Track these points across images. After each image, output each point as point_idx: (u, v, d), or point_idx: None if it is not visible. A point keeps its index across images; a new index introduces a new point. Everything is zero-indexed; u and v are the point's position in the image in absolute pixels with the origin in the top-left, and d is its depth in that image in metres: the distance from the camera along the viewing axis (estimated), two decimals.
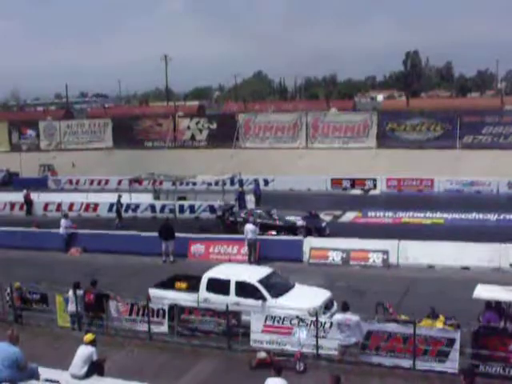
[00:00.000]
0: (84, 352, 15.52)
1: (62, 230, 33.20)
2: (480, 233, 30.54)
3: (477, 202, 40.87)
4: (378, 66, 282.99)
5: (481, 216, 36.11)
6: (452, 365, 16.81)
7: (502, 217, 35.79)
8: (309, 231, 32.31)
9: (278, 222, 33.44)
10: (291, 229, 32.82)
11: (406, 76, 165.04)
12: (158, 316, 20.37)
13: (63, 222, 33.39)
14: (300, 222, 33.14)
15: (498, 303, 17.67)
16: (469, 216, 36.28)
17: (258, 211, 34.80)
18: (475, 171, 47.91)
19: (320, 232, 32.68)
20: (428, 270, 26.99)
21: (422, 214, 37.05)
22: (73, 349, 15.95)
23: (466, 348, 16.89)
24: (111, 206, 40.87)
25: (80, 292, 20.87)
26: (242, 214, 34.63)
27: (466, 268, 26.54)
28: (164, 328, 20.34)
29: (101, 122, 77.60)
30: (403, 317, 18.58)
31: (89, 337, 15.94)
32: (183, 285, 22.08)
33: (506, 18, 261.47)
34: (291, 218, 33.64)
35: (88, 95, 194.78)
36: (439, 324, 18.06)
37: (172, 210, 40.01)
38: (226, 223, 34.89)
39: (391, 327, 17.68)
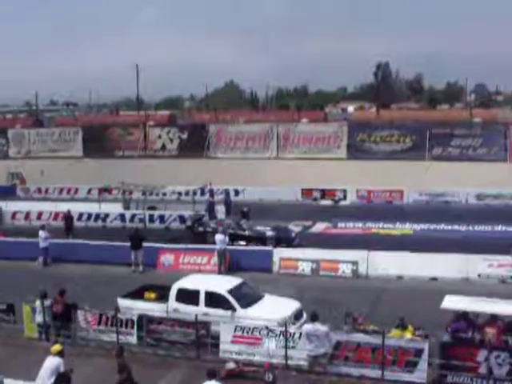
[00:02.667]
0: (51, 363, 15.34)
1: (42, 243, 31.99)
2: (449, 244, 30.76)
3: (446, 213, 41.19)
4: (349, 78, 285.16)
5: (449, 227, 36.41)
6: (420, 375, 16.90)
7: (470, 228, 36.12)
8: (278, 241, 32.32)
9: (247, 233, 33.43)
10: (261, 239, 32.82)
11: (377, 87, 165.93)
12: (126, 326, 20.25)
13: (41, 233, 32.15)
14: (270, 233, 33.16)
15: (466, 314, 17.78)
16: (438, 227, 36.55)
17: (228, 221, 34.77)
18: (444, 182, 48.25)
19: (289, 242, 32.71)
20: (397, 280, 27.15)
21: (392, 225, 37.23)
22: (40, 360, 15.76)
23: (435, 358, 16.98)
24: (80, 215, 40.56)
25: (48, 302, 20.65)
26: (212, 224, 34.57)
27: (435, 279, 26.76)
28: (133, 338, 20.21)
29: (71, 131, 76.89)
30: (372, 327, 18.67)
31: (56, 348, 15.75)
32: (152, 295, 21.99)
33: (476, 32, 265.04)
34: (261, 229, 33.66)
35: (58, 103, 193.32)
36: (408, 334, 18.14)
37: (142, 220, 39.85)
38: (196, 233, 34.79)
39: (360, 338, 17.74)
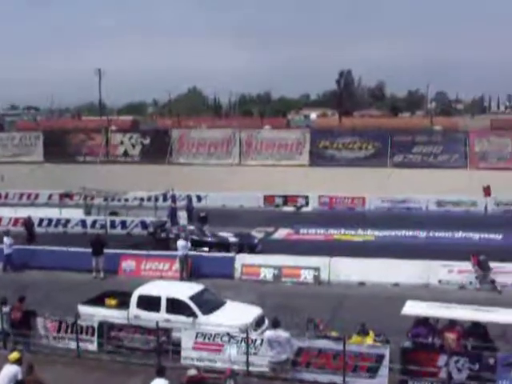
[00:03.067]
0: (9, 371, 15.12)
1: (6, 249, 31.26)
2: (410, 250, 30.96)
3: (407, 219, 41.44)
4: (312, 85, 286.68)
5: (410, 233, 36.66)
6: (381, 380, 17.01)
7: (431, 234, 36.43)
8: (241, 248, 32.30)
9: (210, 239, 33.36)
10: (223, 245, 32.76)
11: (339, 95, 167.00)
12: (87, 333, 20.06)
13: (6, 239, 31.40)
14: (233, 239, 33.13)
15: (426, 319, 17.94)
16: (399, 233, 36.78)
17: (191, 227, 34.66)
18: (405, 189, 48.63)
19: (252, 249, 32.69)
20: (358, 286, 27.27)
21: (353, 231, 37.37)
22: None
23: (396, 364, 17.10)
24: (41, 221, 40.15)
25: (6, 309, 20.38)
26: (174, 231, 34.42)
27: (396, 284, 26.92)
28: (93, 346, 20.03)
29: (32, 135, 76.03)
30: (334, 333, 18.72)
31: (14, 355, 15.52)
32: (113, 302, 21.78)
33: (437, 40, 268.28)
34: (224, 235, 33.61)
35: (19, 108, 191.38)
36: (369, 340, 18.24)
37: (103, 226, 39.53)
38: (158, 239, 34.60)
39: (321, 344, 17.79)
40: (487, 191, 46.16)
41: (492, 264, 26.70)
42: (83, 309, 21.45)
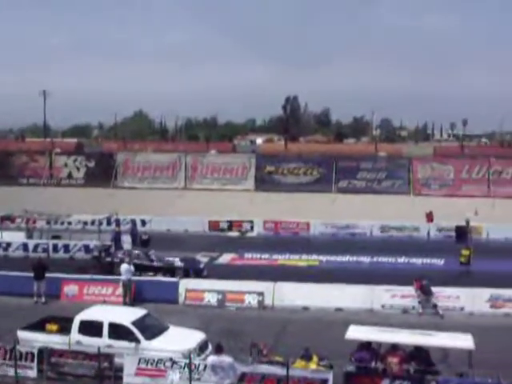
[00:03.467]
0: None
1: None
2: (354, 275, 31.30)
3: (351, 244, 41.78)
4: (259, 110, 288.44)
5: (354, 258, 37.06)
6: None
7: (374, 259, 36.87)
8: (187, 272, 32.09)
9: (156, 263, 33.04)
10: (169, 270, 32.48)
11: (285, 120, 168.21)
12: (26, 359, 19.58)
13: None
14: (178, 263, 32.89)
15: (369, 343, 18.05)
16: (343, 258, 37.11)
17: (136, 252, 34.29)
18: (350, 215, 49.04)
19: (198, 273, 32.51)
20: (303, 311, 27.29)
21: (298, 256, 37.55)
22: None
23: None
24: None
25: None
26: (120, 255, 34.00)
27: (340, 309, 27.02)
28: (33, 372, 19.58)
29: None
30: (277, 358, 18.65)
31: None
32: (54, 327, 21.37)
33: (382, 68, 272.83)
34: (169, 259, 33.34)
35: None
36: (313, 365, 18.24)
37: (45, 250, 38.89)
38: (103, 264, 34.15)
39: (265, 369, 17.71)
40: (430, 217, 46.93)
41: (434, 288, 27.08)
42: (23, 334, 20.99)
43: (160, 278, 31.40)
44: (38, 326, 21.54)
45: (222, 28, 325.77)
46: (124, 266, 28.95)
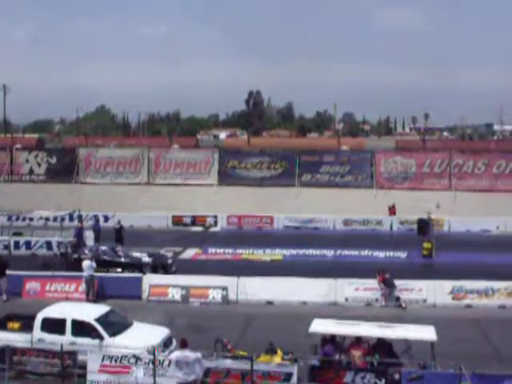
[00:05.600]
0: None
1: None
2: (317, 268, 31.43)
3: (314, 238, 41.97)
4: (221, 105, 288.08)
5: (318, 252, 37.19)
6: None
7: (338, 253, 37.05)
8: (155, 268, 31.92)
9: (123, 259, 32.78)
10: (137, 266, 32.25)
11: (248, 115, 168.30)
12: None
13: None
14: (146, 259, 32.66)
15: (333, 337, 18.13)
16: (306, 252, 37.24)
17: (103, 248, 33.92)
18: (313, 209, 49.22)
19: (166, 269, 32.35)
20: (267, 305, 27.33)
21: (262, 251, 37.60)
22: None
23: (304, 382, 17.16)
24: None
25: None
26: (87, 251, 33.63)
27: (304, 303, 27.12)
28: None
29: None
30: (242, 352, 18.65)
31: None
32: (16, 325, 21.08)
33: (344, 62, 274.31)
34: (137, 255, 33.11)
35: None
36: (277, 359, 18.26)
37: (6, 246, 38.41)
38: (70, 260, 33.79)
39: (229, 363, 17.69)
40: (392, 210, 47.35)
41: (397, 281, 27.30)
42: None
43: (123, 273, 31.21)
44: (0, 324, 21.28)
45: (186, 23, 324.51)
46: (86, 263, 28.67)
